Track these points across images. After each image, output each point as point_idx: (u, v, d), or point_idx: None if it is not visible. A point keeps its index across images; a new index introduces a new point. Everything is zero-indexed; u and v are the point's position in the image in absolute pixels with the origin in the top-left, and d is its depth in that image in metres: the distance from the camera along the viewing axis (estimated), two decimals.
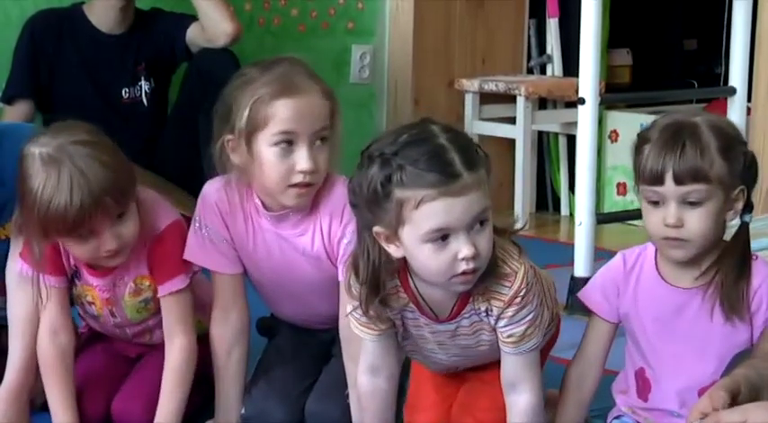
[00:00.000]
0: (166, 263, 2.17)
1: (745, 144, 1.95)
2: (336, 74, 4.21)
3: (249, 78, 2.09)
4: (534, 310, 1.89)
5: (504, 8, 4.45)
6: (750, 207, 1.94)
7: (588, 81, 2.94)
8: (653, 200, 1.90)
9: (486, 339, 1.95)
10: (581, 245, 2.96)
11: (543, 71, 4.49)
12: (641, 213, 1.95)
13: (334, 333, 2.21)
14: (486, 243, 1.79)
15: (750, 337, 1.93)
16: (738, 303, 1.91)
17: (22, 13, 3.46)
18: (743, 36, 3.18)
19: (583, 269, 2.93)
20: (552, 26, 4.40)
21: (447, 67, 4.36)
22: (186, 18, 3.44)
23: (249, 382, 2.26)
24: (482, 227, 1.78)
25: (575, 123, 3.08)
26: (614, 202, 4.21)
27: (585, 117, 2.96)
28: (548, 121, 4.38)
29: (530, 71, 4.51)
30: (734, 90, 3.21)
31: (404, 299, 1.90)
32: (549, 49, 4.44)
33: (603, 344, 2.04)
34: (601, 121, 3.77)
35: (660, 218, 1.89)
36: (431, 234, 1.75)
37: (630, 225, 3.46)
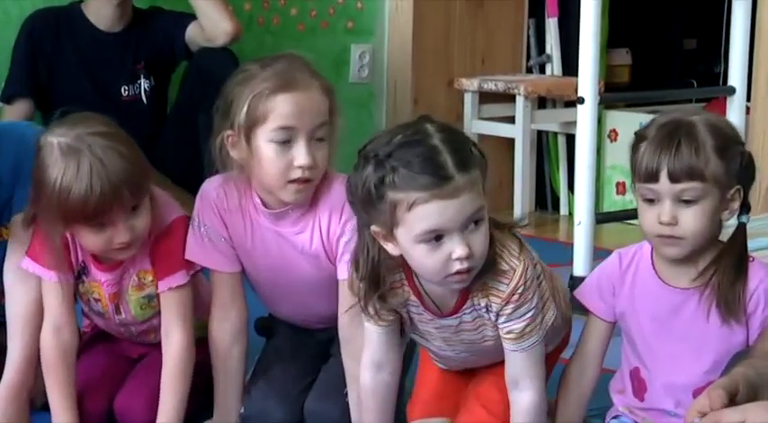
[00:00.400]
0: (168, 258, 2.18)
1: (743, 144, 1.94)
2: (336, 73, 4.21)
3: (249, 74, 2.09)
4: (534, 308, 1.89)
5: (504, 8, 4.45)
6: (747, 207, 1.94)
7: (587, 80, 2.94)
8: (648, 197, 1.91)
9: (491, 335, 1.95)
10: (580, 244, 2.96)
11: (543, 71, 4.49)
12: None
13: (333, 333, 2.22)
14: (481, 243, 1.80)
15: (746, 338, 1.93)
16: (735, 305, 1.91)
17: (22, 13, 3.46)
18: (742, 36, 3.18)
19: (582, 268, 2.93)
20: (551, 26, 4.40)
21: (446, 66, 4.36)
22: (185, 17, 3.44)
23: (248, 381, 2.27)
24: (476, 226, 1.79)
25: (574, 123, 3.08)
26: (613, 202, 4.21)
27: (585, 116, 2.96)
28: (547, 121, 4.38)
29: (529, 70, 4.51)
30: (733, 89, 3.21)
31: (407, 293, 1.91)
32: (549, 49, 4.44)
33: (601, 343, 2.05)
34: (600, 121, 3.78)
35: (655, 215, 1.90)
36: (424, 235, 1.76)
37: (629, 224, 3.45)
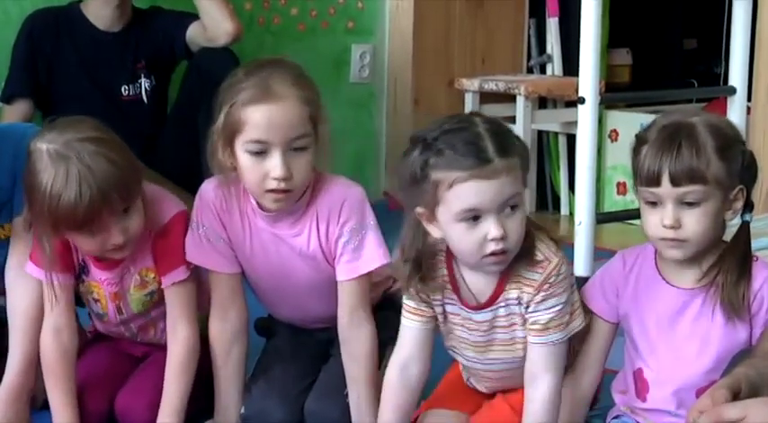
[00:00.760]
0: (170, 253, 2.18)
1: (744, 143, 1.94)
2: (336, 73, 4.22)
3: (234, 80, 2.09)
4: (562, 303, 1.92)
5: (504, 8, 4.45)
6: (750, 207, 1.94)
7: (588, 80, 2.94)
8: (650, 201, 1.91)
9: (521, 337, 1.96)
10: (581, 244, 2.96)
11: (543, 70, 4.49)
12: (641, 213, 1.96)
13: (332, 333, 2.22)
14: (517, 227, 1.85)
15: (749, 337, 1.93)
16: (739, 304, 1.90)
17: (22, 12, 3.46)
18: (743, 35, 3.18)
19: (582, 269, 2.92)
20: (552, 26, 4.40)
21: (447, 66, 4.36)
22: (186, 17, 3.44)
23: (248, 381, 2.27)
24: (513, 211, 1.85)
25: (574, 123, 3.08)
26: (614, 202, 4.21)
27: (585, 116, 2.96)
28: (547, 121, 4.38)
29: (530, 70, 4.51)
30: (734, 89, 3.21)
31: (445, 282, 1.96)
32: (549, 49, 4.44)
33: (603, 344, 2.05)
34: (601, 121, 3.77)
35: (658, 219, 1.89)
36: (462, 214, 1.83)
37: (630, 224, 3.45)
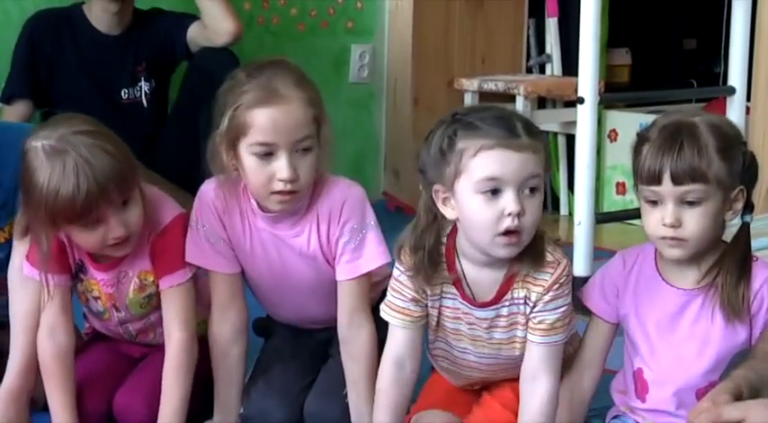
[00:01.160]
0: (168, 256, 2.17)
1: (745, 144, 1.94)
2: (336, 73, 4.22)
3: (236, 82, 2.08)
4: (567, 305, 1.94)
5: (504, 8, 4.45)
6: (751, 207, 1.94)
7: (587, 80, 2.94)
8: (651, 200, 1.91)
9: (520, 337, 1.97)
10: (580, 244, 2.96)
11: (542, 70, 4.49)
12: (640, 213, 1.96)
13: (332, 333, 2.22)
14: (534, 210, 1.87)
15: (748, 338, 1.93)
16: (739, 305, 1.91)
17: (23, 13, 3.47)
18: (742, 36, 3.19)
19: (582, 269, 2.93)
20: (551, 25, 4.40)
21: (446, 66, 4.36)
22: (186, 17, 3.44)
23: (248, 381, 2.26)
24: (532, 194, 1.86)
25: (574, 123, 3.08)
26: (613, 202, 4.22)
27: (585, 116, 2.96)
28: (547, 121, 4.38)
29: (529, 70, 4.51)
30: (733, 89, 3.22)
31: (446, 277, 1.96)
32: (549, 49, 4.44)
33: (603, 344, 2.05)
34: (600, 121, 3.78)
35: (658, 218, 1.90)
36: (483, 183, 1.84)
37: (630, 224, 3.46)
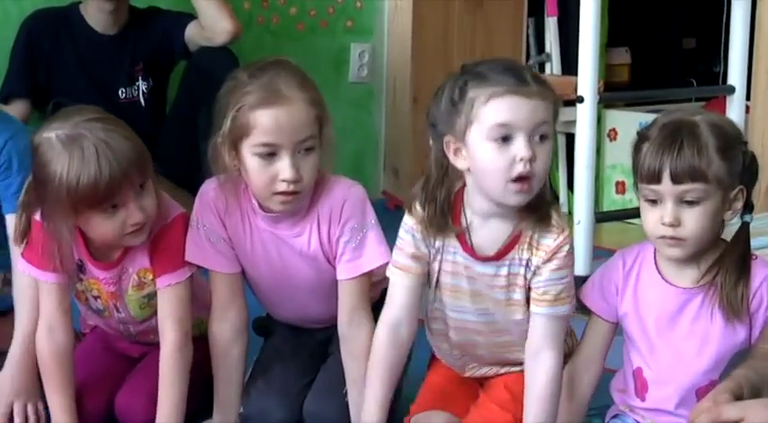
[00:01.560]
0: (168, 254, 2.17)
1: (746, 144, 1.94)
2: (335, 73, 4.22)
3: (237, 83, 2.08)
4: (569, 277, 1.96)
5: (503, 7, 4.45)
6: (750, 207, 1.94)
7: (587, 80, 2.95)
8: (650, 198, 1.91)
9: (516, 299, 1.99)
10: (579, 243, 2.96)
11: (542, 69, 4.48)
12: (640, 212, 1.96)
13: (331, 332, 2.22)
14: (544, 156, 1.91)
15: (748, 336, 1.93)
16: (738, 304, 1.91)
17: (21, 12, 3.47)
18: (742, 35, 3.19)
19: (581, 268, 2.93)
20: (551, 25, 4.40)
21: (446, 65, 4.35)
22: (184, 16, 3.44)
23: (247, 380, 2.27)
24: (542, 141, 1.91)
25: (573, 122, 3.09)
26: (613, 201, 4.22)
27: (584, 115, 2.97)
28: None
29: None
30: (733, 89, 3.22)
31: (452, 227, 1.98)
32: (548, 48, 4.44)
33: (602, 343, 2.05)
34: (599, 120, 3.78)
35: (657, 216, 1.90)
36: (495, 129, 1.87)
37: (629, 223, 3.47)
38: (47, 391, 2.19)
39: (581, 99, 2.96)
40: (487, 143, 1.88)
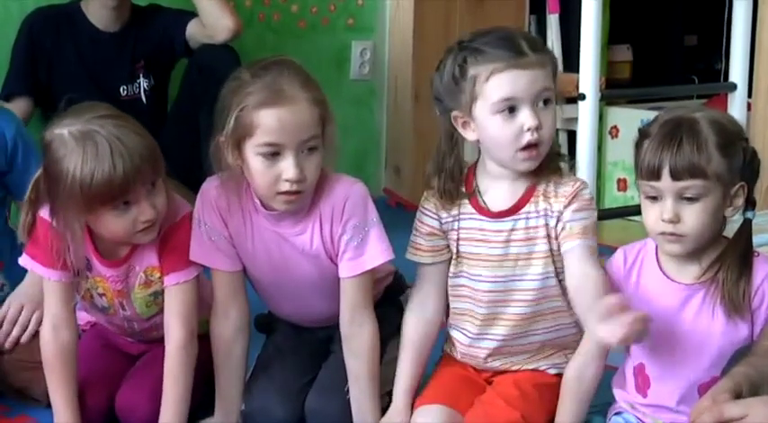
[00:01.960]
0: (177, 253, 2.17)
1: (747, 140, 1.94)
2: (336, 70, 4.22)
3: (240, 82, 2.07)
4: (593, 218, 2.04)
5: (505, 4, 4.44)
6: (752, 203, 1.94)
7: (588, 77, 2.95)
8: (651, 195, 1.92)
9: (538, 251, 2.05)
10: None
11: None
12: (641, 209, 1.96)
13: (332, 331, 2.23)
14: (549, 121, 2.01)
15: (750, 333, 1.93)
16: (740, 301, 1.91)
17: (23, 10, 3.46)
18: (743, 32, 3.19)
19: None
20: (552, 22, 4.40)
21: None
22: (185, 14, 3.44)
23: (249, 378, 2.27)
24: (545, 106, 2.01)
25: (575, 119, 3.09)
26: (615, 198, 4.22)
27: (586, 113, 2.97)
28: None
29: None
30: (734, 86, 3.22)
31: (465, 192, 2.08)
32: (550, 45, 4.44)
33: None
34: (601, 117, 3.77)
35: (657, 213, 1.90)
36: (500, 104, 1.98)
37: (631, 221, 3.46)
38: (50, 387, 2.19)
39: (582, 96, 2.96)
40: (494, 116, 1.99)
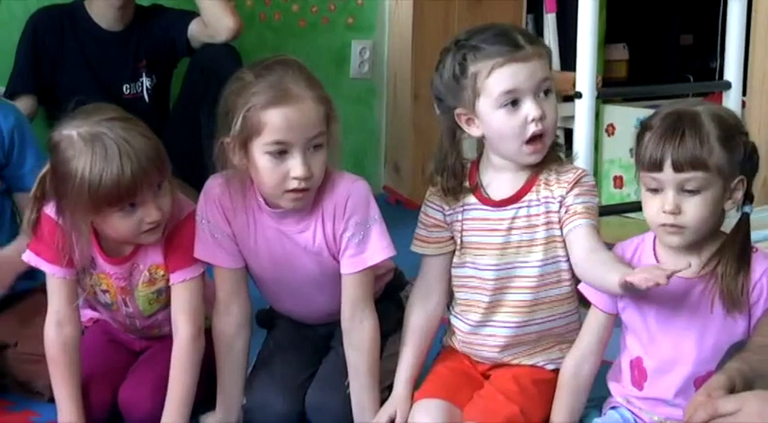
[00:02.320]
0: (183, 250, 2.18)
1: (747, 135, 1.94)
2: (336, 69, 4.22)
3: (244, 83, 2.08)
4: (594, 204, 2.08)
5: (503, 3, 4.44)
6: (751, 198, 1.95)
7: (585, 75, 2.97)
8: (652, 187, 1.92)
9: (539, 238, 2.08)
10: None
11: None
12: (638, 206, 1.97)
13: (333, 327, 2.24)
14: (551, 110, 2.06)
15: (747, 327, 1.94)
16: (738, 295, 1.91)
17: (26, 9, 3.47)
18: (738, 31, 3.20)
19: None
20: (550, 21, 4.41)
21: None
22: (187, 14, 3.45)
23: (250, 373, 2.28)
24: (547, 96, 2.06)
25: (572, 117, 3.09)
26: (611, 195, 4.23)
27: (582, 111, 2.99)
28: None
29: None
30: (729, 84, 3.23)
31: (467, 186, 2.12)
32: (547, 44, 4.45)
33: (601, 335, 2.06)
34: (598, 115, 3.79)
35: (658, 205, 1.90)
36: (502, 97, 2.03)
37: (627, 217, 3.48)
38: (54, 383, 2.20)
39: (579, 95, 2.97)
40: (498, 110, 2.04)
